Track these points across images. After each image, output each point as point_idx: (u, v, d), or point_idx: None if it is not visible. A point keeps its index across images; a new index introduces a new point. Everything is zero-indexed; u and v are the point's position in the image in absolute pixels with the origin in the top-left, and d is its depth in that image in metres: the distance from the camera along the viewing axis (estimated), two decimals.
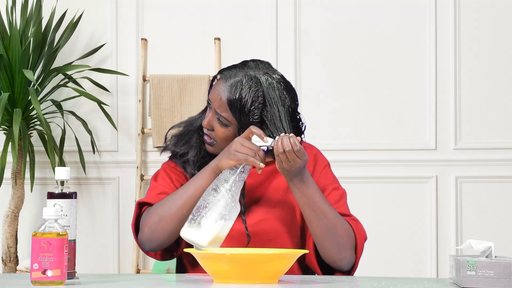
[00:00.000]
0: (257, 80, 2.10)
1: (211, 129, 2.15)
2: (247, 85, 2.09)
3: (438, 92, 4.10)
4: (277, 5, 4.17)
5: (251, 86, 2.09)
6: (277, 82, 2.11)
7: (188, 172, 2.19)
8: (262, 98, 2.09)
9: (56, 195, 1.88)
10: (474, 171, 4.08)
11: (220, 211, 1.94)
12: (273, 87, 2.10)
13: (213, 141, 2.16)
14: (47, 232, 1.73)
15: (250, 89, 2.09)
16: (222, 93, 2.11)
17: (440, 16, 4.11)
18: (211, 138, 2.16)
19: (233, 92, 2.09)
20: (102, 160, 4.22)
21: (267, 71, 2.13)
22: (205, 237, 1.93)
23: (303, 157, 2.02)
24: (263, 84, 2.10)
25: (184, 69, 4.18)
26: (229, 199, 1.94)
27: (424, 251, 4.07)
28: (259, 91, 2.09)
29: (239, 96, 2.08)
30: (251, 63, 2.15)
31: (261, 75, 2.11)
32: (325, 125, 4.12)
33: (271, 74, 2.12)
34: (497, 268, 1.72)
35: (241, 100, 2.08)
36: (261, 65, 2.14)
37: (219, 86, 2.13)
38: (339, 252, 2.09)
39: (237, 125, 2.10)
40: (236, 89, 2.09)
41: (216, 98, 2.13)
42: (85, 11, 4.17)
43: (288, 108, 2.11)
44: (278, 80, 2.12)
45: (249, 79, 2.10)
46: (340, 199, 2.19)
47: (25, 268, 3.80)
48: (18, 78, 3.92)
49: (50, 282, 1.73)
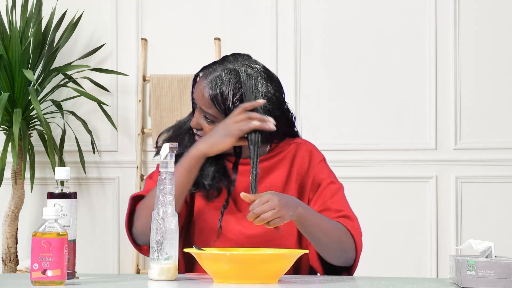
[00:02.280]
0: (236, 72, 2.11)
1: (200, 129, 2.16)
2: (227, 78, 2.10)
3: (438, 92, 4.10)
4: (277, 5, 4.17)
5: (231, 79, 2.10)
6: (256, 72, 2.12)
7: None
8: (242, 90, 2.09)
9: (56, 195, 1.88)
10: (474, 171, 4.08)
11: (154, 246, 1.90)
12: (252, 77, 2.11)
13: None
14: (47, 232, 1.73)
15: (230, 81, 2.10)
16: (204, 90, 2.12)
17: (440, 16, 4.11)
18: (201, 137, 2.16)
19: (214, 87, 2.10)
20: (102, 160, 4.22)
21: (246, 63, 2.14)
22: (153, 273, 1.90)
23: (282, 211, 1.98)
24: (242, 76, 2.10)
25: (184, 69, 4.18)
26: (159, 225, 1.90)
27: (424, 251, 4.07)
28: (239, 82, 2.10)
29: (220, 91, 2.09)
30: (230, 57, 2.16)
31: (240, 67, 2.12)
32: (325, 125, 4.12)
33: (250, 65, 2.13)
34: (497, 268, 1.72)
35: (222, 94, 2.09)
36: (240, 58, 2.15)
37: (201, 83, 2.14)
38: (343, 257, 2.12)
39: (223, 118, 2.10)
40: (216, 84, 2.10)
41: (199, 96, 2.13)
42: (85, 11, 4.17)
43: (271, 97, 2.12)
44: (258, 70, 2.13)
45: (228, 73, 2.11)
46: (336, 193, 2.19)
47: (25, 268, 3.80)
48: (18, 78, 3.92)
49: (50, 282, 1.73)
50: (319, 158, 2.25)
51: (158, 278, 1.86)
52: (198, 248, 1.94)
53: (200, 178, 2.16)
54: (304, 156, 2.23)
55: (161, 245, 1.86)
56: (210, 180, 2.16)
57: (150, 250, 1.89)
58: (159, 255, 1.86)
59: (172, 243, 1.87)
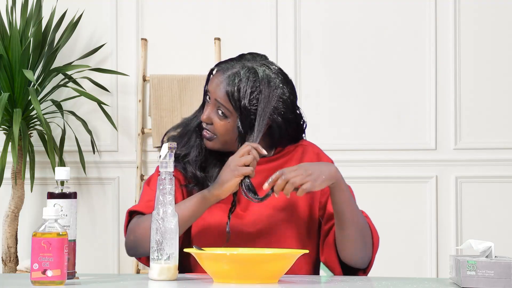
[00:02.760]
0: (255, 71, 2.11)
1: (210, 123, 2.15)
2: (245, 76, 2.10)
3: (438, 92, 4.10)
4: (277, 5, 4.17)
5: (249, 77, 2.10)
6: (274, 74, 2.12)
7: (188, 172, 2.18)
8: (260, 89, 2.09)
9: (56, 195, 1.88)
10: (474, 171, 4.08)
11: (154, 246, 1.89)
12: (271, 78, 2.11)
13: (212, 136, 2.15)
14: (47, 232, 1.73)
15: (248, 79, 2.09)
16: (220, 84, 2.11)
17: (440, 16, 4.11)
18: (210, 132, 2.15)
19: (232, 83, 2.10)
20: (102, 160, 4.22)
21: (264, 63, 2.14)
22: (153, 273, 1.90)
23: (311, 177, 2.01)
24: (261, 75, 2.10)
25: (184, 69, 4.18)
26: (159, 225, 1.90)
27: (424, 251, 4.07)
28: (257, 81, 2.10)
29: (238, 87, 2.09)
30: (248, 56, 2.17)
31: (259, 67, 2.12)
32: (325, 125, 4.12)
33: (268, 66, 2.14)
34: (497, 268, 1.72)
35: (239, 91, 2.09)
36: (258, 57, 2.16)
37: (217, 78, 2.13)
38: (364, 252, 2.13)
39: (237, 116, 2.10)
40: (234, 80, 2.10)
41: (215, 89, 2.13)
42: (85, 11, 4.17)
43: (286, 99, 2.12)
44: (276, 71, 2.13)
45: (247, 71, 2.10)
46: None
47: (25, 268, 3.80)
48: (18, 78, 3.92)
49: (50, 282, 1.73)
50: (328, 161, 2.26)
51: (158, 278, 1.86)
52: (198, 248, 1.94)
53: (205, 179, 2.16)
54: (312, 158, 2.23)
55: (161, 245, 1.86)
56: (214, 181, 2.15)
57: (150, 250, 1.89)
58: (159, 255, 1.86)
59: (172, 243, 1.87)
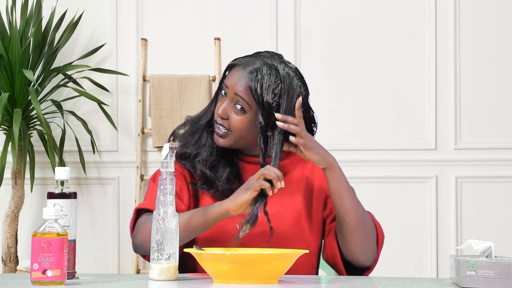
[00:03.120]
0: (275, 68, 2.12)
1: (226, 118, 2.14)
2: (267, 72, 2.11)
3: (438, 92, 4.10)
4: (277, 5, 4.17)
5: (271, 74, 2.11)
6: (293, 72, 2.13)
7: (197, 170, 2.18)
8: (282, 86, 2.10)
9: (56, 195, 1.88)
10: (474, 171, 4.08)
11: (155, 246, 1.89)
12: (290, 76, 2.12)
13: (226, 132, 2.14)
14: (47, 232, 1.73)
15: (270, 75, 2.10)
16: (242, 79, 2.11)
17: (440, 16, 4.11)
18: (224, 128, 2.15)
19: (255, 78, 2.10)
20: (102, 160, 4.22)
21: (283, 61, 2.16)
22: (153, 273, 1.90)
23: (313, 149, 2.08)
24: (281, 72, 2.11)
25: (184, 69, 4.19)
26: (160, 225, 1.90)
27: (424, 251, 4.07)
28: (278, 78, 2.11)
29: (260, 83, 2.10)
30: (265, 53, 2.18)
31: (278, 64, 2.13)
32: (325, 125, 4.11)
33: (287, 64, 2.15)
34: (497, 268, 1.72)
35: (262, 86, 2.09)
36: (276, 56, 2.18)
37: (238, 72, 2.13)
38: (367, 244, 2.12)
39: (257, 111, 2.10)
40: (257, 76, 2.10)
41: (235, 83, 2.12)
42: (85, 11, 4.17)
43: (303, 98, 2.14)
44: (294, 70, 2.15)
45: (268, 67, 2.12)
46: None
47: (25, 268, 3.80)
48: (18, 78, 3.92)
49: (50, 282, 1.73)
50: None
51: (158, 278, 1.86)
52: (198, 248, 1.94)
53: (215, 179, 2.16)
54: None
55: (161, 245, 1.86)
56: (224, 181, 2.15)
57: (150, 250, 1.89)
58: (159, 255, 1.86)
59: (172, 243, 1.87)
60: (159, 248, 1.86)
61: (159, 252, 1.86)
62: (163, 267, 1.86)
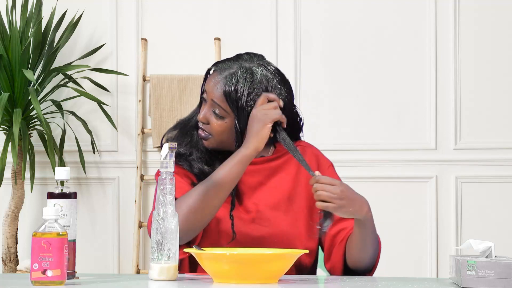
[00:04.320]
0: (252, 72, 2.11)
1: (206, 123, 2.15)
2: (242, 76, 2.10)
3: (438, 92, 4.10)
4: (277, 5, 4.17)
5: (247, 78, 2.10)
6: (271, 74, 2.13)
7: (194, 168, 2.18)
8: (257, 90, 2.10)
9: (56, 195, 1.88)
10: (474, 171, 4.08)
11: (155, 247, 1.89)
12: (268, 78, 2.11)
13: (208, 135, 2.15)
14: (47, 232, 1.73)
15: (246, 80, 2.10)
16: (217, 85, 2.12)
17: (440, 16, 4.11)
18: (206, 132, 2.15)
19: (229, 83, 2.10)
20: (102, 160, 4.22)
21: (262, 63, 2.15)
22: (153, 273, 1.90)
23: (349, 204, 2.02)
24: (258, 76, 2.11)
25: (184, 69, 4.18)
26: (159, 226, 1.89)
27: (424, 251, 4.07)
28: (254, 82, 2.10)
29: (235, 88, 2.10)
30: (245, 56, 2.17)
31: (256, 67, 2.13)
32: (325, 125, 4.12)
33: (265, 66, 2.14)
34: (497, 268, 1.72)
35: (237, 91, 2.09)
36: (255, 58, 2.16)
37: (214, 78, 2.13)
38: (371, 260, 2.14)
39: (234, 116, 2.11)
40: (231, 81, 2.10)
41: (212, 89, 2.13)
42: (85, 11, 4.17)
43: (284, 99, 2.13)
44: (273, 71, 2.14)
45: (244, 71, 2.11)
46: None
47: (25, 268, 3.80)
48: (18, 78, 3.92)
49: (50, 282, 1.73)
50: (327, 163, 2.26)
51: (158, 278, 1.86)
52: (198, 248, 1.94)
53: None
54: (310, 160, 2.23)
55: (161, 245, 1.87)
56: None
57: (150, 250, 1.89)
58: (159, 255, 1.87)
59: (172, 243, 1.87)
60: (159, 248, 1.87)
61: (159, 252, 1.86)
62: (163, 267, 1.86)
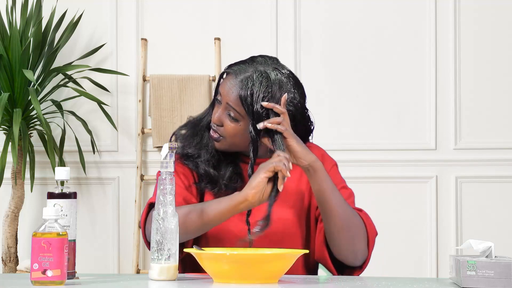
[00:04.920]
0: (267, 76, 2.11)
1: (220, 125, 2.15)
2: (258, 80, 2.10)
3: (438, 92, 4.10)
4: (277, 5, 4.17)
5: (262, 82, 2.10)
6: (286, 78, 2.13)
7: (200, 169, 2.18)
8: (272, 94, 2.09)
9: (56, 195, 1.88)
10: (474, 171, 4.08)
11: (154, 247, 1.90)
12: (282, 82, 2.11)
13: (219, 137, 2.15)
14: (47, 232, 1.73)
15: (261, 84, 2.09)
16: (233, 88, 2.11)
17: (440, 16, 4.11)
18: (218, 134, 2.15)
19: (245, 87, 2.09)
20: (102, 160, 4.22)
21: (276, 67, 2.14)
22: (153, 273, 1.90)
23: (305, 157, 2.05)
24: (273, 80, 2.10)
25: (184, 69, 4.19)
26: (159, 225, 1.90)
27: (424, 251, 4.07)
28: (269, 86, 2.10)
29: (250, 92, 2.09)
30: (259, 59, 2.16)
31: (271, 71, 2.12)
32: (325, 125, 4.12)
33: (280, 70, 2.14)
34: (497, 268, 1.72)
35: (252, 96, 2.09)
36: (269, 61, 2.16)
37: (229, 81, 2.13)
38: (353, 244, 2.11)
39: (249, 120, 2.10)
40: (247, 85, 2.09)
41: (227, 92, 2.12)
42: (85, 11, 4.17)
43: (296, 103, 2.13)
44: (287, 75, 2.14)
45: (259, 75, 2.10)
46: (348, 197, 2.20)
47: (25, 268, 3.80)
48: (18, 78, 3.92)
49: (50, 282, 1.73)
50: (332, 163, 2.27)
51: (158, 278, 1.87)
52: (198, 248, 1.94)
53: (218, 177, 2.16)
54: None
55: (161, 245, 1.87)
56: (228, 180, 2.16)
57: (150, 250, 1.89)
58: (159, 255, 1.87)
59: (172, 243, 1.87)
60: (159, 248, 1.87)
61: (159, 252, 1.86)
62: (163, 267, 1.86)
